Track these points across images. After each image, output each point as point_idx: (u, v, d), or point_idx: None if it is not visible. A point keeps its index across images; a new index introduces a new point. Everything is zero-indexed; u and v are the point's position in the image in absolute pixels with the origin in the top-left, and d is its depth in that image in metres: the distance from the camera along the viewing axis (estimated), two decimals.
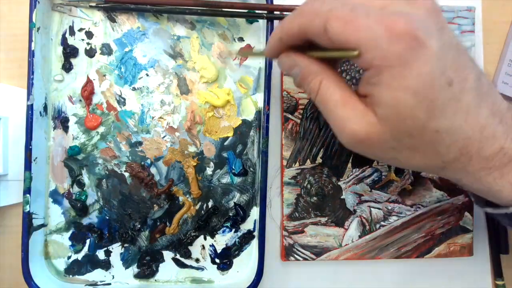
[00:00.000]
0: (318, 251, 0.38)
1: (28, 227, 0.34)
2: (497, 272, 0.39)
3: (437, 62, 0.22)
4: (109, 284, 0.37)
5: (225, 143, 0.38)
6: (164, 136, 0.38)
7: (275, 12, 0.36)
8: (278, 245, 0.39)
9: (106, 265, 0.38)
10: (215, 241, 0.38)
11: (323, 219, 0.38)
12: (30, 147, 0.34)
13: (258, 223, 0.37)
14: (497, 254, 0.39)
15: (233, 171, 0.38)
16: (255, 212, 0.38)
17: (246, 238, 0.38)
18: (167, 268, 0.38)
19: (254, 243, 0.38)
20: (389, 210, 0.38)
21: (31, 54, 0.34)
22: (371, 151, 0.26)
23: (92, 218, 0.37)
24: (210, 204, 0.38)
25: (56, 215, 0.37)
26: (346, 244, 0.38)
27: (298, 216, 0.38)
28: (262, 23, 0.38)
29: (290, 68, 0.27)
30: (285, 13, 0.36)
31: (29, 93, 0.34)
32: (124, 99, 0.38)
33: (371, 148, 0.25)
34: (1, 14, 0.38)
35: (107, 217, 0.37)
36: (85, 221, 0.37)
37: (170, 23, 0.38)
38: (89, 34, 0.37)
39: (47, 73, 0.37)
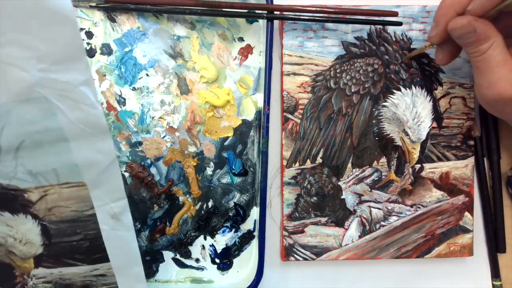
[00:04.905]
0: (318, 251, 0.38)
1: None
2: (494, 272, 0.39)
3: None
4: None
5: (225, 143, 0.38)
6: (164, 136, 0.38)
7: (275, 12, 0.36)
8: (278, 245, 0.39)
9: None
10: (215, 241, 0.38)
11: (323, 219, 0.38)
12: None
13: (258, 223, 0.37)
14: (495, 254, 0.39)
15: (233, 171, 0.38)
16: (255, 212, 0.38)
17: (246, 238, 0.38)
18: (167, 268, 0.38)
19: (254, 243, 0.38)
20: (389, 210, 0.39)
21: None
22: (508, 111, 0.30)
23: None
24: (210, 204, 0.38)
25: None
26: (346, 244, 0.38)
27: (298, 216, 0.38)
28: (262, 23, 0.38)
29: (467, 33, 0.29)
30: (285, 13, 0.36)
31: None
32: (124, 99, 0.37)
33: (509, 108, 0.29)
34: None
35: None
36: None
37: (170, 23, 0.38)
38: (89, 34, 0.37)
39: None
